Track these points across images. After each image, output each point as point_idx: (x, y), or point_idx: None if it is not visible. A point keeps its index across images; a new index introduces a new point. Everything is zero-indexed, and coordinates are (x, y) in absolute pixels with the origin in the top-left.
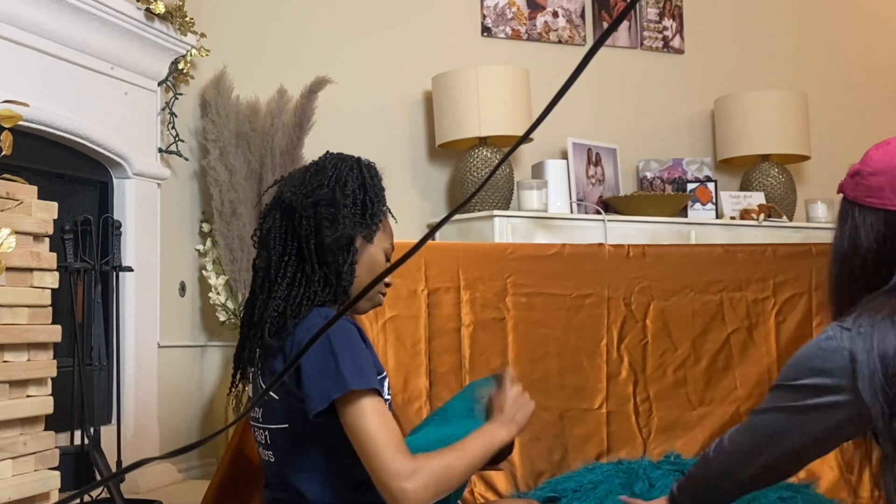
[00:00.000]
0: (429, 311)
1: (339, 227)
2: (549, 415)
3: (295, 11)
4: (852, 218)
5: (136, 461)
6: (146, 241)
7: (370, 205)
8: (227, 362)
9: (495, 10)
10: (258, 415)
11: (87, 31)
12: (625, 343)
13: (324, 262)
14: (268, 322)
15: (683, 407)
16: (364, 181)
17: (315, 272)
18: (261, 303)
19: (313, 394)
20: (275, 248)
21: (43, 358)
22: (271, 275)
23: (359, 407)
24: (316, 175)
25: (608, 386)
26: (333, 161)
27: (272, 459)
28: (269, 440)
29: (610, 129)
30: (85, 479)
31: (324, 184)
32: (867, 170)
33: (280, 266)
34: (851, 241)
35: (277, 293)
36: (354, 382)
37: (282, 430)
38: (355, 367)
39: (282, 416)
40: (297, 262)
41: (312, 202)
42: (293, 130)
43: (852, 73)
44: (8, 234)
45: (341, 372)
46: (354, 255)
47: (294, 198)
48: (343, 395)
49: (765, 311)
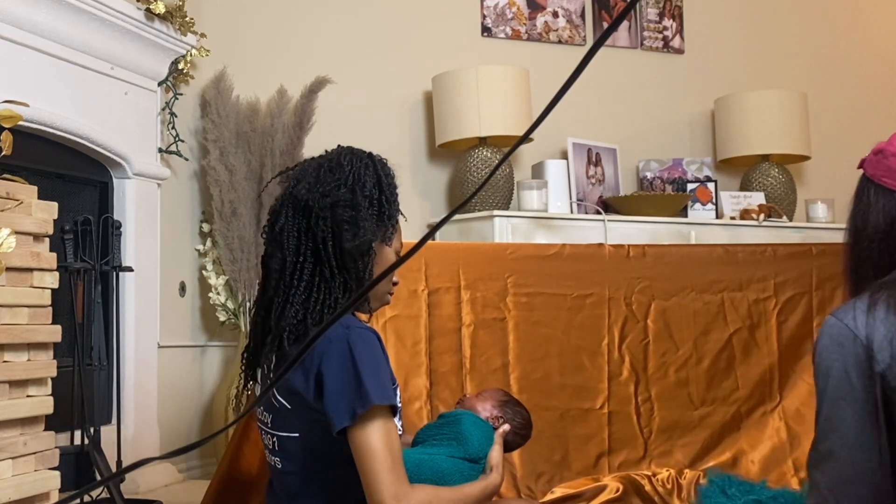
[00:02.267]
0: (429, 311)
1: (360, 232)
2: (550, 415)
3: (295, 11)
4: (867, 196)
5: (136, 461)
6: (146, 241)
7: (387, 205)
8: (227, 362)
9: (495, 10)
10: (267, 420)
11: (87, 31)
12: (626, 343)
13: (344, 267)
14: (287, 329)
15: (685, 407)
16: (380, 180)
17: (335, 277)
18: (277, 307)
19: (337, 408)
20: (289, 247)
21: (43, 358)
22: (286, 277)
23: (372, 423)
24: (332, 172)
25: (610, 386)
26: (349, 157)
27: (279, 466)
28: (278, 447)
29: (610, 129)
30: (85, 479)
31: (341, 183)
32: (891, 150)
33: (296, 268)
34: (863, 220)
35: (295, 298)
36: (377, 397)
37: (292, 438)
38: (378, 381)
39: (293, 426)
40: (314, 264)
41: (330, 203)
42: (293, 130)
43: (852, 73)
44: (8, 234)
45: (364, 386)
46: (374, 259)
47: (310, 196)
48: (366, 411)
49: (766, 310)
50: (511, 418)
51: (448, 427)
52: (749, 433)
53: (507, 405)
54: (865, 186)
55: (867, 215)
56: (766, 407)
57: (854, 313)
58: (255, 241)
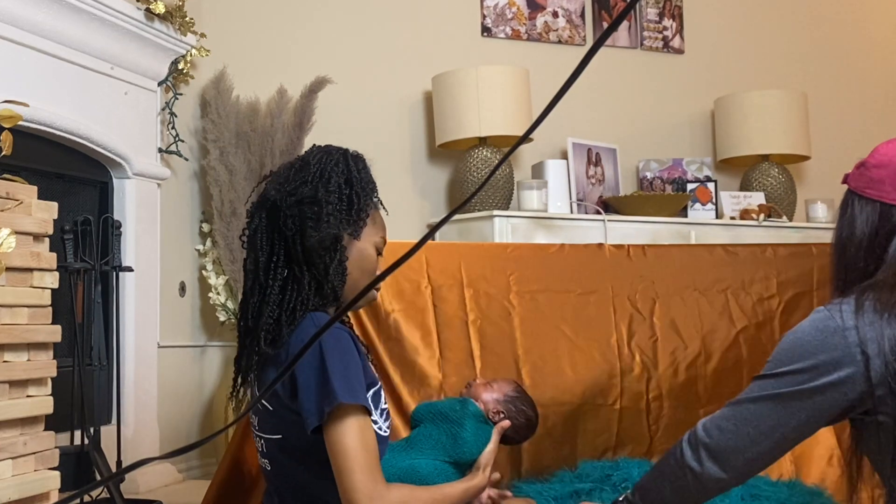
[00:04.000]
0: (435, 306)
1: (323, 227)
2: (564, 409)
3: (295, 11)
4: (851, 207)
5: (136, 461)
6: (146, 241)
7: (356, 199)
8: (227, 362)
9: (495, 10)
10: (255, 422)
11: (87, 31)
12: (634, 340)
13: (311, 263)
14: (263, 330)
15: (692, 405)
16: (350, 175)
17: (304, 275)
18: (253, 307)
19: (308, 407)
20: (262, 249)
21: (43, 358)
22: (261, 277)
23: (343, 421)
24: (300, 171)
25: (622, 382)
26: (318, 155)
27: (268, 468)
28: (266, 449)
29: (610, 129)
30: (85, 479)
31: (307, 180)
32: (872, 162)
33: (269, 268)
34: (849, 231)
35: (270, 298)
36: (343, 396)
37: (275, 440)
38: (345, 380)
39: (275, 427)
40: (286, 263)
41: (296, 200)
42: (293, 130)
43: (852, 73)
44: (8, 234)
45: (331, 384)
46: (343, 254)
47: (278, 196)
48: (332, 409)
49: (770, 309)
50: (514, 416)
51: (448, 425)
52: None
53: (514, 401)
54: (850, 199)
55: (853, 225)
56: None
57: (841, 310)
58: None
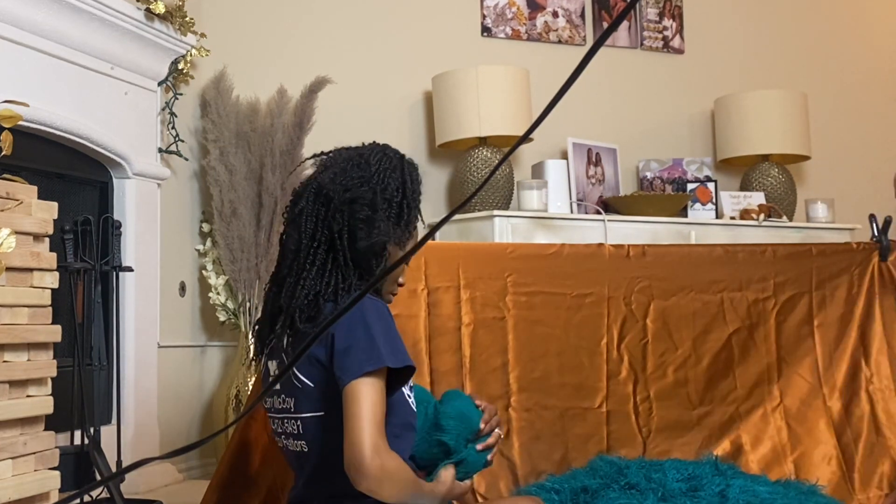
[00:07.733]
0: (429, 311)
1: (374, 233)
2: (549, 413)
3: (295, 11)
4: None
5: (136, 461)
6: (146, 241)
7: (407, 210)
8: (227, 362)
9: (495, 10)
10: (289, 405)
11: (87, 31)
12: (625, 342)
13: (357, 264)
14: (297, 309)
15: (683, 407)
16: (405, 184)
17: (349, 265)
18: (288, 286)
19: (345, 366)
20: (305, 230)
21: (43, 358)
22: (300, 259)
23: (373, 382)
24: (358, 168)
25: (608, 385)
26: (378, 156)
27: (306, 450)
28: (303, 429)
29: (610, 129)
30: (85, 479)
31: (365, 181)
32: None
33: (310, 252)
34: None
35: (306, 280)
36: (391, 360)
37: (317, 418)
38: (393, 345)
39: (315, 404)
40: (327, 250)
41: (350, 198)
42: (293, 130)
43: (852, 73)
44: (8, 234)
45: (377, 346)
46: (387, 261)
47: (332, 187)
48: (376, 370)
49: (765, 310)
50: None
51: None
52: (749, 433)
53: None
54: None
55: None
56: (767, 407)
57: None
58: (255, 241)
